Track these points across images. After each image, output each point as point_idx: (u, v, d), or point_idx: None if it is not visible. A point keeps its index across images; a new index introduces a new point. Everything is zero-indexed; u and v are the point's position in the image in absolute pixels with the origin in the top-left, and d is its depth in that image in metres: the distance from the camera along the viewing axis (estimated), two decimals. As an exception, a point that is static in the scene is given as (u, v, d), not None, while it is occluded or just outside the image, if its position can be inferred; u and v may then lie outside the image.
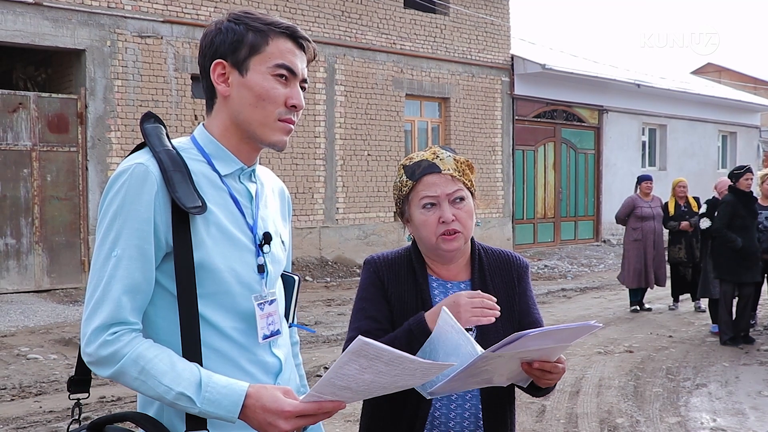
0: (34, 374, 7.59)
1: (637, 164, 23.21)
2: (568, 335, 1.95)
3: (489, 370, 1.98)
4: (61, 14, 12.13)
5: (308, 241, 15.39)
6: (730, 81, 35.73)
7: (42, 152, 12.09)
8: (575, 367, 8.01)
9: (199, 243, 1.83)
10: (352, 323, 2.34)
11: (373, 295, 2.34)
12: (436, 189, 2.26)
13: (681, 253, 11.19)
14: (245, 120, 1.94)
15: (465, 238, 2.30)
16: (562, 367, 2.07)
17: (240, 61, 1.92)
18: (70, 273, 12.43)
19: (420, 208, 2.29)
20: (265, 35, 1.94)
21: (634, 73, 23.87)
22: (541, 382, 2.10)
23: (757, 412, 6.62)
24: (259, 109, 1.93)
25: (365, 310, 2.33)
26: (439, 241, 2.28)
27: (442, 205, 2.26)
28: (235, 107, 1.94)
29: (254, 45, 1.93)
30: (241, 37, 1.93)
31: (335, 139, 15.85)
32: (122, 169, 1.83)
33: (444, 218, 2.25)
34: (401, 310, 2.31)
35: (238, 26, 1.94)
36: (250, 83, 1.92)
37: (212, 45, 1.95)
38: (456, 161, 2.31)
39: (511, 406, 2.40)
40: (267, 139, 1.96)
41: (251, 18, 1.96)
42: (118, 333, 1.76)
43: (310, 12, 15.31)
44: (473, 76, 18.56)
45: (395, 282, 2.35)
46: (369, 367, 1.68)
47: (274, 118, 1.95)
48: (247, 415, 1.75)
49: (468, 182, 2.31)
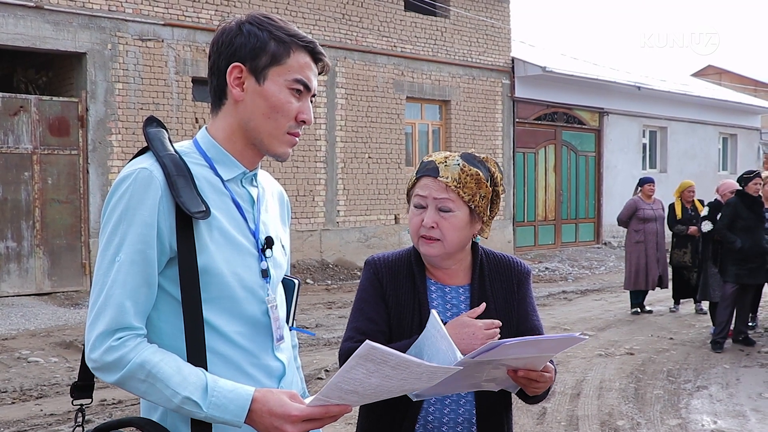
0: (35, 377, 7.59)
1: (637, 166, 23.21)
2: (551, 346, 1.96)
3: (474, 375, 2.00)
4: (62, 17, 12.14)
5: (309, 243, 15.39)
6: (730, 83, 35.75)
7: (43, 155, 12.10)
8: (576, 370, 8.01)
9: (202, 248, 1.83)
10: (350, 323, 2.37)
11: (371, 296, 2.35)
12: (425, 190, 2.28)
13: (686, 257, 11.17)
14: (255, 128, 1.94)
15: (445, 248, 2.28)
16: (549, 376, 2.08)
17: (259, 69, 1.91)
18: (71, 276, 12.43)
19: (413, 206, 2.34)
20: (287, 47, 1.92)
21: (634, 75, 23.88)
22: (528, 390, 2.12)
23: (758, 414, 6.62)
24: (272, 121, 1.93)
25: (363, 311, 2.35)
26: (419, 242, 2.31)
27: (428, 208, 2.28)
28: (246, 114, 1.94)
29: (276, 55, 1.91)
30: (263, 45, 1.91)
31: (336, 142, 15.85)
32: (126, 173, 1.83)
33: (424, 222, 2.27)
34: (398, 312, 2.32)
35: (261, 32, 1.92)
36: (267, 93, 1.92)
37: (231, 45, 1.92)
38: (462, 172, 2.27)
39: (508, 411, 2.39)
40: (273, 149, 1.98)
41: (275, 26, 1.93)
42: (123, 338, 1.76)
43: (311, 15, 15.32)
44: (474, 79, 18.57)
45: (393, 284, 2.35)
46: (376, 372, 1.68)
47: (283, 131, 1.96)
48: (254, 419, 1.75)
49: (467, 196, 2.27)
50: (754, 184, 9.04)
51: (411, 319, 2.30)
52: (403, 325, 2.30)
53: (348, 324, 2.38)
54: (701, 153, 26.10)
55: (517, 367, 2.00)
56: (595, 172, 22.29)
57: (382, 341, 2.24)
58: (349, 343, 2.29)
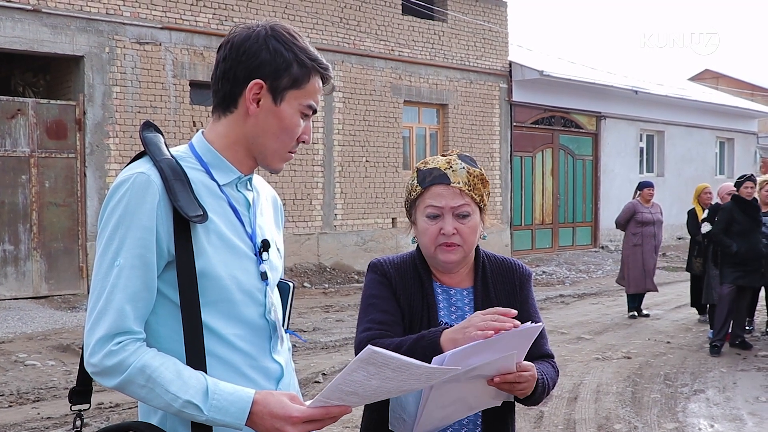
0: (32, 381, 7.58)
1: (635, 170, 23.22)
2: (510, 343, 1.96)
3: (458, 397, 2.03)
4: (60, 21, 12.15)
5: (306, 247, 15.39)
6: (727, 87, 35.79)
7: (40, 158, 12.09)
8: (573, 374, 8.02)
9: (200, 251, 1.84)
10: (363, 317, 2.34)
11: (383, 292, 2.35)
12: (441, 200, 2.26)
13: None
14: (261, 144, 1.97)
15: (465, 252, 2.31)
16: (529, 374, 2.09)
17: (278, 90, 1.92)
18: (68, 279, 12.43)
19: (424, 216, 2.30)
20: (308, 72, 1.94)
21: (631, 79, 23.90)
22: (515, 393, 2.13)
23: (755, 417, 6.63)
24: (279, 141, 1.96)
25: (376, 306, 2.33)
26: (438, 251, 2.29)
27: (446, 217, 2.27)
28: (255, 129, 1.95)
29: (297, 79, 1.93)
30: (287, 67, 1.92)
31: (333, 146, 15.86)
32: (123, 178, 1.84)
33: (445, 231, 2.26)
34: (409, 313, 2.32)
35: (287, 52, 1.92)
36: (282, 114, 1.94)
37: (256, 58, 1.91)
38: (469, 174, 2.29)
39: (512, 413, 2.41)
40: (271, 165, 2.02)
41: (298, 47, 1.94)
42: (123, 342, 1.76)
43: (308, 18, 15.33)
44: (471, 83, 18.59)
45: (403, 285, 2.35)
46: (377, 374, 1.70)
47: (286, 150, 2.00)
48: (255, 421, 1.76)
49: (478, 197, 2.30)
50: (745, 188, 9.09)
51: (420, 322, 2.31)
52: (413, 327, 2.31)
53: (360, 320, 2.36)
54: (698, 157, 26.13)
55: (490, 374, 2.01)
56: (593, 176, 22.31)
57: (400, 333, 2.26)
58: (367, 333, 2.26)
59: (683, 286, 14.34)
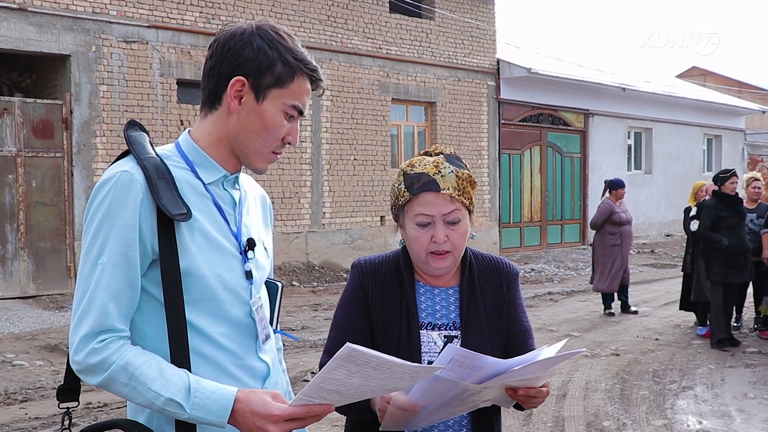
0: (20, 381, 7.56)
1: (623, 167, 23.30)
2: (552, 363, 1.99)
3: (473, 398, 2.03)
4: (46, 19, 12.09)
5: (295, 246, 15.37)
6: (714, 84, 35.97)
7: (27, 158, 12.04)
8: (562, 371, 8.02)
9: (184, 250, 1.84)
10: (330, 332, 2.36)
11: (353, 304, 2.34)
12: (432, 209, 2.21)
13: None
14: (243, 143, 1.96)
15: (455, 257, 2.28)
16: (547, 391, 2.10)
17: (261, 88, 1.91)
18: (56, 279, 12.38)
19: (414, 223, 2.25)
20: (293, 72, 1.93)
21: (619, 77, 23.98)
22: (526, 405, 2.13)
23: (743, 414, 6.65)
24: (261, 139, 1.95)
25: (342, 324, 2.33)
26: (429, 258, 2.25)
27: (437, 225, 2.22)
28: (237, 127, 1.95)
29: (281, 78, 1.92)
30: (271, 65, 1.91)
31: (321, 144, 15.85)
32: (107, 177, 1.84)
33: (436, 239, 2.22)
34: (384, 317, 2.30)
35: (271, 51, 1.91)
36: (263, 113, 1.93)
37: (239, 56, 1.91)
38: (458, 178, 2.24)
39: (497, 412, 2.39)
40: (254, 165, 2.00)
41: (284, 46, 1.93)
42: (107, 340, 1.76)
43: (295, 17, 15.30)
44: (459, 81, 18.60)
45: (379, 287, 2.33)
46: (357, 372, 1.69)
47: (269, 150, 1.98)
48: (237, 419, 1.76)
49: (467, 200, 2.26)
50: (731, 183, 9.11)
51: (399, 323, 2.28)
52: (390, 329, 2.28)
53: (329, 333, 2.37)
54: (686, 154, 26.23)
55: (518, 386, 2.02)
56: (581, 174, 22.36)
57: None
58: (327, 357, 2.27)
59: (671, 282, 14.40)
